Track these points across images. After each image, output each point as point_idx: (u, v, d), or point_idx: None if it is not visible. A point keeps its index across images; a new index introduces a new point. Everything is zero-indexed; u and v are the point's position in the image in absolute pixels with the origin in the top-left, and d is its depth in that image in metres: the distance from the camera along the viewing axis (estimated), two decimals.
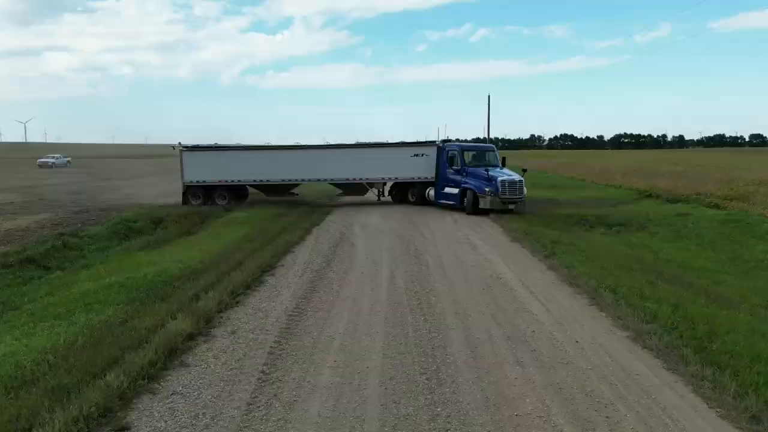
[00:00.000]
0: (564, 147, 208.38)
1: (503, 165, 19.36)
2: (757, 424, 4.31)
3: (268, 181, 20.97)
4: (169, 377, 5.28)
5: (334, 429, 4.25)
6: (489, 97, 65.88)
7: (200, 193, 20.53)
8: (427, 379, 5.14)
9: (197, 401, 4.78)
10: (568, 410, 4.55)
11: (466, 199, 18.05)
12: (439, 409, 4.55)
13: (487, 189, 17.42)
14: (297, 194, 22.12)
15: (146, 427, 4.36)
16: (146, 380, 5.12)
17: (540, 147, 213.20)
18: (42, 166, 59.44)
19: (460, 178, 18.62)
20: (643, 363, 5.55)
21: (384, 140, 27.93)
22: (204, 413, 4.55)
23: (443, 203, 19.29)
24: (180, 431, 4.30)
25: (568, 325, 6.72)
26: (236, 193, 21.15)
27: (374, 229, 14.70)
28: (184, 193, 20.61)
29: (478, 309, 7.35)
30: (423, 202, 20.31)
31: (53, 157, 63.84)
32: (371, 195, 22.00)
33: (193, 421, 4.43)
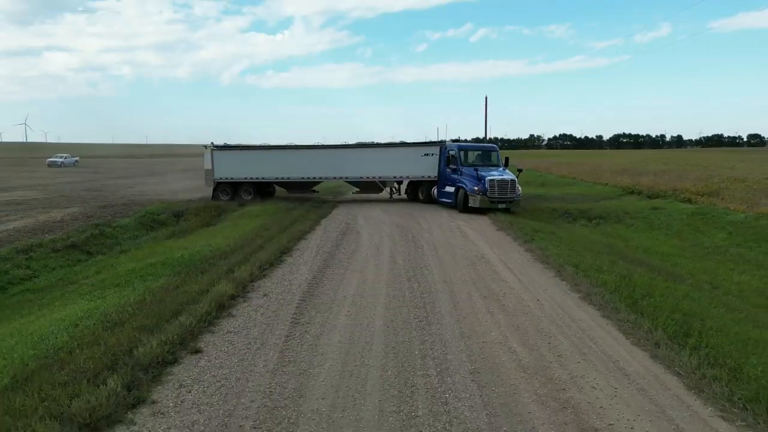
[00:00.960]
0: (563, 147, 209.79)
1: (506, 165, 19.61)
2: (657, 347, 5.94)
3: (288, 178, 22.47)
4: (222, 323, 6.91)
5: (351, 349, 5.90)
6: (486, 98, 67.31)
7: (228, 189, 22.25)
8: (418, 321, 6.79)
9: (248, 336, 6.41)
10: (521, 339, 6.20)
11: (458, 198, 18.78)
12: (426, 338, 6.19)
13: (476, 188, 17.85)
14: (318, 191, 23.65)
15: (213, 350, 5.99)
16: (206, 324, 6.75)
17: (539, 147, 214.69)
18: (51, 165, 61.20)
19: (456, 177, 19.18)
20: (586, 313, 7.20)
21: (382, 140, 29.51)
22: (254, 342, 6.19)
23: (443, 201, 20.12)
24: (238, 353, 5.93)
25: (533, 289, 8.37)
26: (261, 189, 22.79)
27: (376, 221, 16.33)
28: (214, 189, 22.30)
29: (462, 278, 9.00)
30: (430, 200, 21.31)
31: (62, 157, 65.53)
32: (386, 193, 23.47)
33: (247, 347, 6.06)
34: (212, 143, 22.54)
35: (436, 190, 21.23)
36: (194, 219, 17.71)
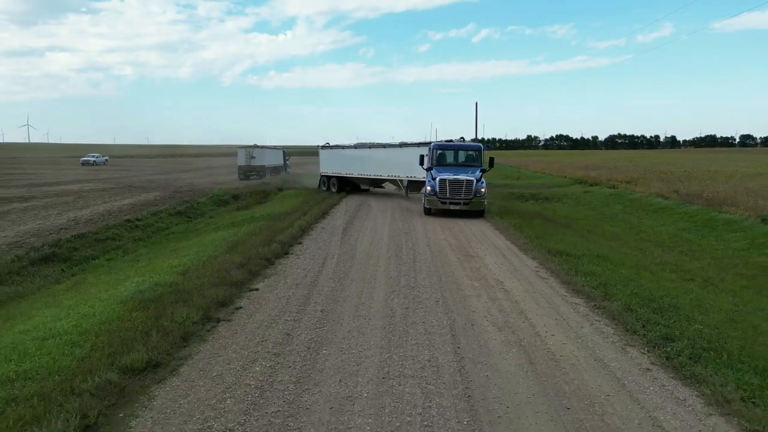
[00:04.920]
0: (559, 147, 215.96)
1: (491, 165, 18.50)
2: (517, 240, 12.60)
3: (351, 174, 25.50)
4: (305, 237, 13.55)
5: (373, 241, 12.57)
6: (476, 104, 73.91)
7: (326, 181, 26.99)
8: (405, 234, 13.49)
9: (321, 239, 13.07)
10: (455, 239, 12.88)
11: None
12: (409, 239, 12.88)
13: (428, 188, 17.40)
14: (384, 187, 26.29)
15: (308, 243, 12.60)
16: (299, 235, 13.42)
17: (536, 147, 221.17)
18: (84, 163, 67.90)
19: (427, 177, 18.50)
20: (492, 233, 13.91)
21: (378, 141, 32.88)
22: (326, 240, 12.85)
23: None
24: (320, 243, 12.54)
25: (473, 228, 15.07)
26: (343, 182, 26.14)
27: (382, 201, 23.03)
28: (320, 180, 27.36)
29: (432, 223, 15.70)
30: None
31: (94, 156, 72.30)
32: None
33: (323, 241, 12.70)
34: (328, 143, 27.06)
35: None
36: (250, 199, 24.45)
